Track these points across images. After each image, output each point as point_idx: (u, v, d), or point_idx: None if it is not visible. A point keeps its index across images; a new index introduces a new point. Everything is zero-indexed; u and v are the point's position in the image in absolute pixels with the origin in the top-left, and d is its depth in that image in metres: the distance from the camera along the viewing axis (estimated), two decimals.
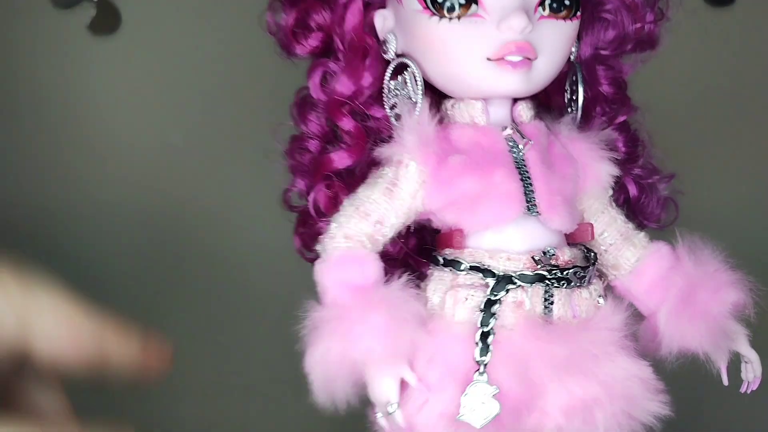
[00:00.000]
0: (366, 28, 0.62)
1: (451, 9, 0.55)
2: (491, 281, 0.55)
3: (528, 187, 0.56)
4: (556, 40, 0.57)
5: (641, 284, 0.60)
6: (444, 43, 0.56)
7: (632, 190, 0.65)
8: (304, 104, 0.66)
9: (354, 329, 0.52)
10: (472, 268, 0.55)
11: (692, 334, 0.57)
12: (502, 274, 0.55)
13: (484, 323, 0.54)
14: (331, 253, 0.56)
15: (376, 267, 0.56)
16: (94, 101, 0.92)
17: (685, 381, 0.58)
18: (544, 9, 0.56)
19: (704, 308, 0.57)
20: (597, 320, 0.56)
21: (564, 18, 0.57)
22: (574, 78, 0.63)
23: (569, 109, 0.64)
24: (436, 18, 0.56)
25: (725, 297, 0.57)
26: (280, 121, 0.67)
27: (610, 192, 0.61)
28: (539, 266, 0.55)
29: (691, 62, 0.92)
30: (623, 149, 0.65)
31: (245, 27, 0.67)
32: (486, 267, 0.55)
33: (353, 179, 0.62)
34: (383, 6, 0.62)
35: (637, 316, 0.59)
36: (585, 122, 0.64)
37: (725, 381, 0.59)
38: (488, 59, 0.55)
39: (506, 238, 0.56)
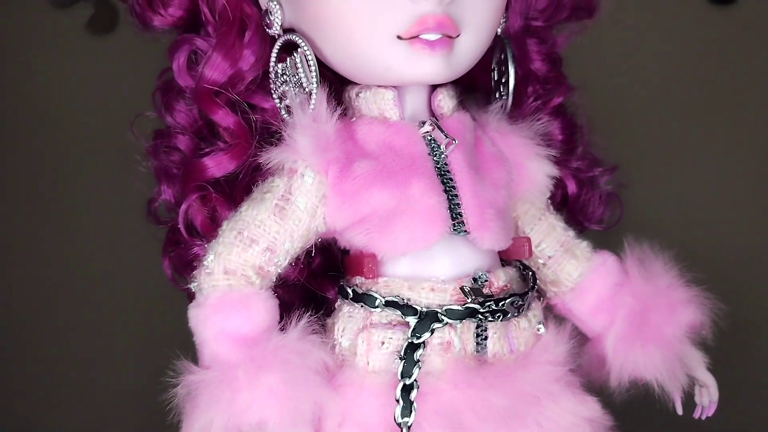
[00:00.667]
0: None
1: None
2: (413, 320, 0.44)
3: (453, 199, 0.45)
4: (480, 13, 0.46)
5: (585, 303, 0.51)
6: (341, 16, 0.44)
7: (571, 187, 0.55)
8: (169, 90, 0.52)
9: (240, 396, 0.41)
10: (388, 303, 0.44)
11: (645, 363, 0.49)
12: (425, 310, 0.44)
13: (405, 374, 0.43)
14: (208, 295, 0.44)
15: (266, 309, 0.44)
16: (90, 100, 0.89)
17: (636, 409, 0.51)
18: None
19: (658, 332, 0.49)
20: (537, 354, 0.47)
21: None
22: (502, 56, 0.52)
23: (497, 93, 0.53)
24: None
25: (680, 318, 0.49)
26: (139, 112, 0.54)
27: (548, 194, 0.51)
28: (470, 299, 0.44)
29: (686, 57, 0.90)
30: (559, 137, 0.55)
31: None
32: (405, 302, 0.44)
33: (236, 189, 0.49)
34: None
35: (580, 337, 0.50)
36: (516, 107, 0.53)
37: (679, 411, 0.51)
38: (399, 37, 0.43)
39: (428, 264, 0.45)
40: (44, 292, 0.93)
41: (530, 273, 0.49)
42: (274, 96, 0.48)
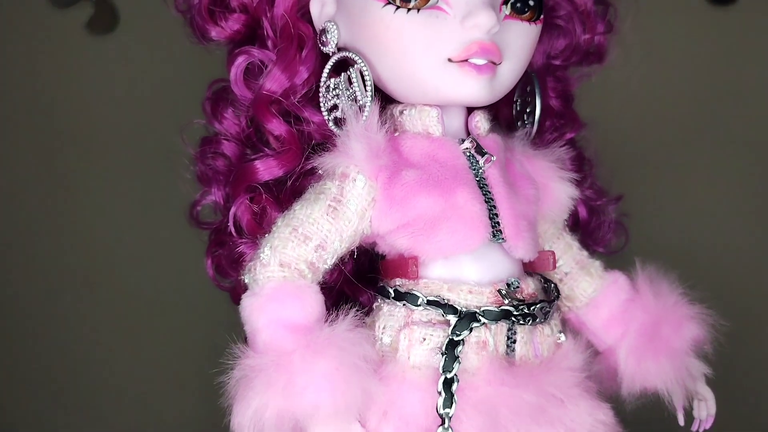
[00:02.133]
0: (300, 13, 0.52)
1: None
2: (453, 318, 0.47)
3: (492, 209, 0.49)
4: (521, 44, 0.51)
5: (598, 318, 0.55)
6: (400, 38, 0.48)
7: (582, 213, 0.60)
8: (219, 99, 0.55)
9: (296, 380, 0.42)
10: (430, 302, 0.47)
11: (656, 373, 0.53)
12: (465, 310, 0.47)
13: (446, 368, 0.46)
14: (263, 285, 0.46)
15: (318, 301, 0.46)
16: (91, 100, 0.89)
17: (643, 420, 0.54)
18: (507, 8, 0.50)
19: (668, 345, 0.53)
20: (559, 360, 0.50)
21: (528, 20, 0.51)
22: (527, 89, 0.57)
23: (518, 123, 0.58)
24: (391, 7, 0.47)
25: (686, 332, 0.54)
26: (189, 120, 0.56)
27: (567, 215, 0.56)
28: (506, 301, 0.48)
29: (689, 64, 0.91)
30: (571, 168, 0.60)
31: None
32: (446, 301, 0.47)
33: (283, 192, 0.52)
34: None
35: (593, 349, 0.54)
36: (536, 137, 0.58)
37: (681, 421, 0.55)
38: (449, 60, 0.48)
39: (467, 268, 0.49)
40: (57, 294, 0.91)
41: (552, 285, 0.53)
42: (323, 108, 0.52)
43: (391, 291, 0.49)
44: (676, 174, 0.91)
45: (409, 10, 0.47)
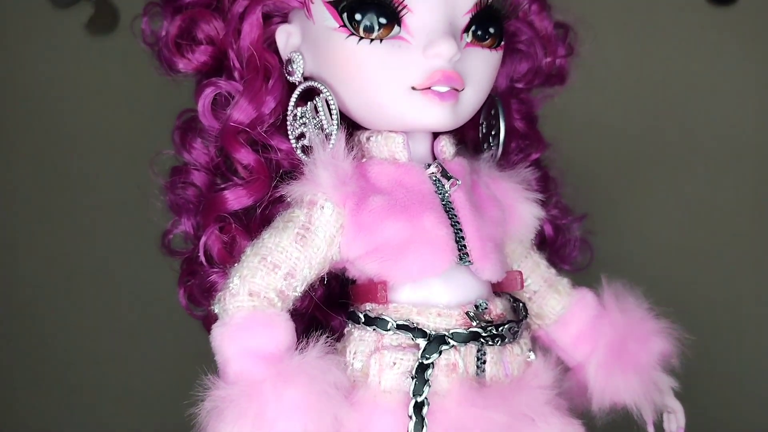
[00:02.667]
0: (266, 43, 0.53)
1: (370, 29, 0.48)
2: (422, 342, 0.48)
3: (458, 233, 0.50)
4: (482, 70, 0.52)
5: (568, 334, 0.57)
6: (363, 68, 0.49)
7: (548, 231, 0.61)
8: (187, 129, 0.56)
9: (267, 410, 0.43)
10: (399, 327, 0.48)
11: (625, 388, 0.54)
12: (434, 333, 0.48)
13: (417, 392, 0.47)
14: (233, 315, 0.46)
15: (288, 329, 0.47)
16: (91, 100, 0.89)
17: None
18: (468, 36, 0.51)
19: (636, 360, 0.54)
20: (529, 379, 0.51)
21: (489, 47, 0.52)
22: (492, 111, 0.58)
23: (484, 145, 0.59)
24: (354, 38, 0.48)
25: (653, 347, 0.55)
26: (158, 150, 0.56)
27: (534, 235, 0.57)
28: (474, 323, 0.49)
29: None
30: (536, 188, 0.61)
31: None
32: (415, 325, 0.48)
33: (252, 221, 0.53)
34: (285, 20, 0.54)
35: (562, 366, 0.55)
36: (501, 158, 0.59)
37: None
38: (413, 88, 0.49)
39: (435, 291, 0.49)
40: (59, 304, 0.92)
41: (521, 304, 0.54)
42: (291, 137, 0.52)
43: (361, 316, 0.49)
44: (672, 177, 0.91)
45: (372, 40, 0.48)
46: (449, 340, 0.48)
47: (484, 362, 0.49)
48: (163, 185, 0.56)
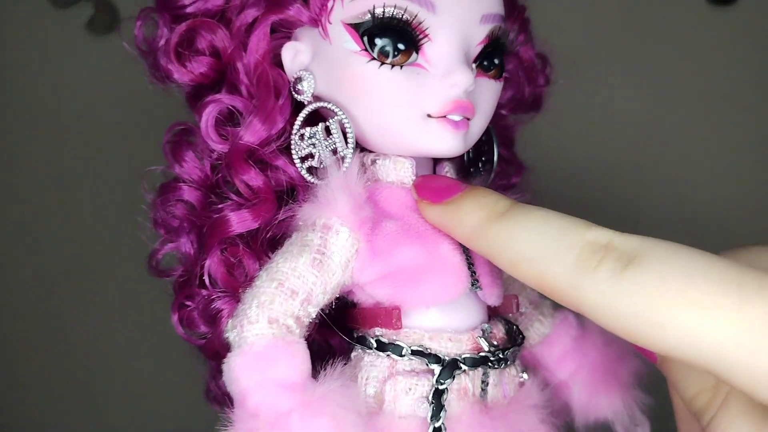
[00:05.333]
0: (272, 59, 0.52)
1: (386, 54, 0.48)
2: (437, 367, 0.48)
3: (468, 258, 0.51)
4: (488, 100, 0.53)
5: (552, 354, 0.59)
6: (382, 93, 0.49)
7: None
8: (180, 143, 0.54)
9: None
10: (414, 352, 0.49)
11: (608, 405, 0.57)
12: (447, 358, 0.49)
13: (435, 417, 0.47)
14: (253, 343, 0.45)
15: (307, 357, 0.46)
16: (92, 100, 0.89)
17: None
18: (475, 66, 0.52)
19: (617, 378, 0.57)
20: (523, 398, 0.53)
21: (493, 78, 0.54)
22: (483, 138, 0.60)
23: (471, 170, 0.61)
24: (375, 63, 0.48)
25: (631, 366, 0.58)
26: (149, 167, 0.54)
27: None
28: (486, 348, 0.50)
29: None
30: None
31: None
32: (429, 351, 0.49)
33: (258, 242, 0.51)
34: (289, 36, 0.53)
35: (553, 387, 0.57)
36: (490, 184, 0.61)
37: None
38: (429, 115, 0.49)
39: (446, 316, 0.50)
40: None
41: (515, 327, 0.56)
42: (296, 157, 0.51)
43: (373, 341, 0.49)
44: (670, 179, 0.91)
45: (393, 66, 0.48)
46: (461, 364, 0.49)
47: (487, 384, 0.51)
48: (152, 202, 0.53)
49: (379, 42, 0.48)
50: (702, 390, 0.45)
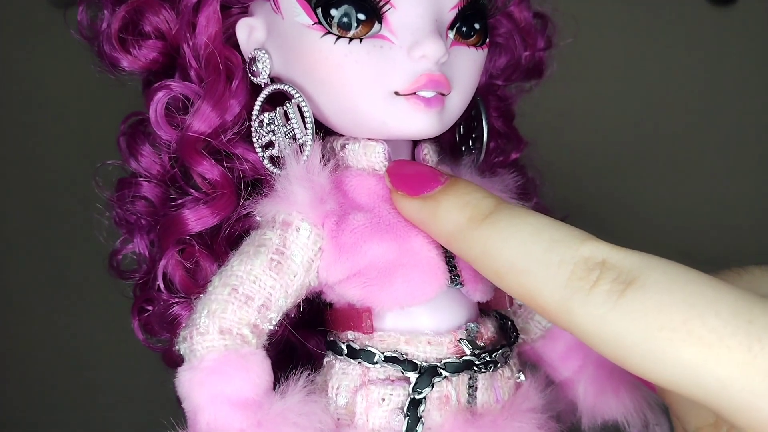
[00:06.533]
0: (225, 38, 0.47)
1: (346, 26, 0.43)
2: (413, 375, 0.44)
3: (447, 252, 0.46)
4: (468, 72, 0.47)
5: (555, 350, 0.54)
6: (341, 71, 0.43)
7: None
8: (135, 135, 0.49)
9: None
10: (387, 359, 0.44)
11: (617, 405, 0.51)
12: (425, 364, 0.44)
13: (410, 430, 0.43)
14: (203, 356, 0.41)
15: (265, 369, 0.42)
16: (92, 100, 0.85)
17: None
18: (452, 33, 0.46)
19: (627, 377, 0.52)
20: (519, 402, 0.48)
21: (474, 45, 0.47)
22: (472, 113, 0.54)
23: (463, 148, 0.55)
24: (331, 37, 0.43)
25: None
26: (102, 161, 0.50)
27: None
28: (468, 351, 0.45)
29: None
30: (515, 192, 0.58)
31: None
32: (405, 356, 0.44)
33: (216, 241, 0.47)
34: (245, 12, 0.48)
35: (554, 387, 0.52)
36: (482, 161, 0.55)
37: None
38: (396, 93, 0.44)
39: (424, 317, 0.45)
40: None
41: (509, 323, 0.50)
42: (257, 146, 0.47)
43: (344, 347, 0.45)
44: (670, 178, 0.91)
45: (351, 40, 0.43)
46: (441, 371, 0.44)
47: (476, 389, 0.46)
48: (108, 199, 0.50)
49: (335, 13, 0.42)
50: (703, 426, 0.43)
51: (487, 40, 0.48)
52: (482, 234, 0.39)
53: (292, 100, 0.45)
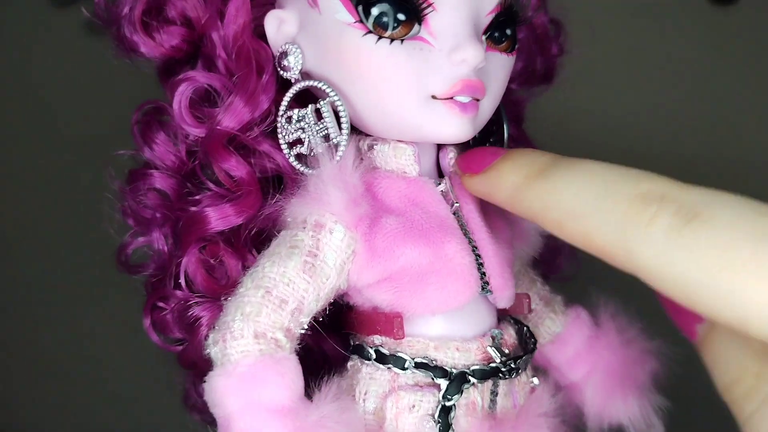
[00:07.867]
0: (255, 30, 0.45)
1: (384, 26, 0.42)
2: (443, 382, 0.43)
3: (478, 259, 0.46)
4: (499, 77, 0.47)
5: (563, 355, 0.54)
6: (382, 72, 0.42)
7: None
8: (150, 123, 0.47)
9: None
10: (418, 365, 0.43)
11: (624, 409, 0.53)
12: (455, 371, 0.44)
13: None
14: (237, 362, 0.39)
15: (299, 374, 0.41)
16: (92, 100, 0.86)
17: None
18: (485, 38, 0.46)
19: (635, 381, 0.53)
20: (534, 407, 0.48)
21: (504, 51, 0.47)
22: (492, 117, 0.54)
23: None
24: (373, 37, 0.42)
25: (649, 368, 0.54)
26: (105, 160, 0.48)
27: (536, 254, 0.54)
28: (497, 358, 0.45)
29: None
30: None
31: None
32: (434, 363, 0.44)
33: (237, 238, 0.45)
34: (271, 3, 0.46)
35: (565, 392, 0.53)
36: None
37: None
38: (433, 97, 0.43)
39: (452, 324, 0.45)
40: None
41: (525, 328, 0.51)
42: (283, 143, 0.45)
43: (372, 352, 0.44)
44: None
45: (392, 41, 0.42)
46: (470, 377, 0.44)
47: (496, 395, 0.46)
48: (120, 190, 0.47)
49: (375, 11, 0.41)
50: (742, 376, 0.39)
51: (516, 46, 0.48)
52: (540, 188, 0.39)
53: (327, 99, 0.44)
